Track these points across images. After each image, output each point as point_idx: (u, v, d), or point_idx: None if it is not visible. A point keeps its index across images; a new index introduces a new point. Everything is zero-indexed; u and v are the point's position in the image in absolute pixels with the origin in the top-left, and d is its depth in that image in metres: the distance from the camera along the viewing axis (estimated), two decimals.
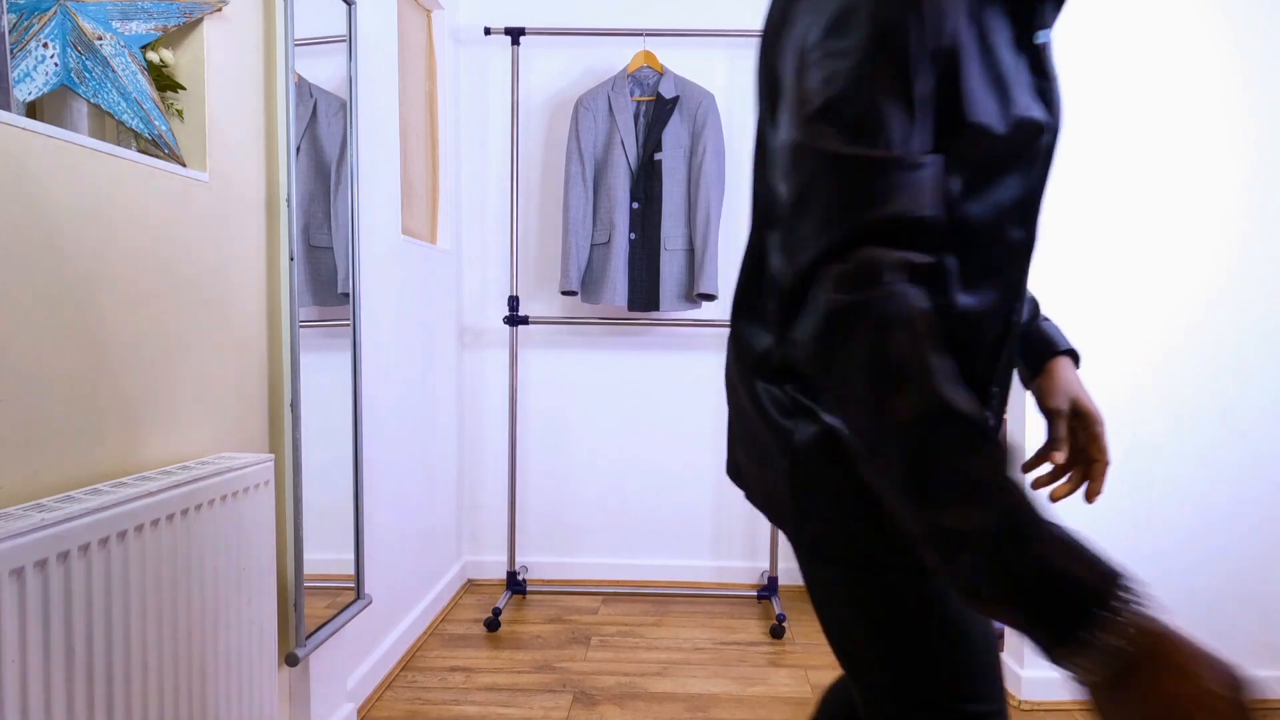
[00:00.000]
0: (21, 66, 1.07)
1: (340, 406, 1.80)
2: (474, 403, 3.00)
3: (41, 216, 1.02)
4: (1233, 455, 2.05)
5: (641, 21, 2.89)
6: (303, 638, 1.55)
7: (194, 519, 1.17)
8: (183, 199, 1.31)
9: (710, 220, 2.61)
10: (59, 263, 1.05)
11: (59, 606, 0.91)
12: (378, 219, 2.09)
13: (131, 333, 1.19)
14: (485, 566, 3.03)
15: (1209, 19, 2.00)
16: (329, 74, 1.78)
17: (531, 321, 2.75)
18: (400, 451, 2.29)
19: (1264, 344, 2.04)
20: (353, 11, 1.77)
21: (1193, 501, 2.06)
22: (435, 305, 2.63)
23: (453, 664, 2.28)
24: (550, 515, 3.01)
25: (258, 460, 1.35)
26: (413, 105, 2.54)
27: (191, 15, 1.31)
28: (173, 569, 1.13)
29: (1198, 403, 2.05)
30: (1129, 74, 2.01)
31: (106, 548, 0.99)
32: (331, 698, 1.75)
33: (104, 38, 1.17)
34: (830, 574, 0.83)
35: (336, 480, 1.79)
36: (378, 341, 2.10)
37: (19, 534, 0.86)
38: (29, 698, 0.87)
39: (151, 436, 1.24)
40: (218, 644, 1.24)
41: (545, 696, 2.08)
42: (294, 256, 1.55)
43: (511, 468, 2.76)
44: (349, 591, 1.81)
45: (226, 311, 1.43)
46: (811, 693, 2.12)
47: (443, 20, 2.72)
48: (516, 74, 2.73)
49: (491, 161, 2.95)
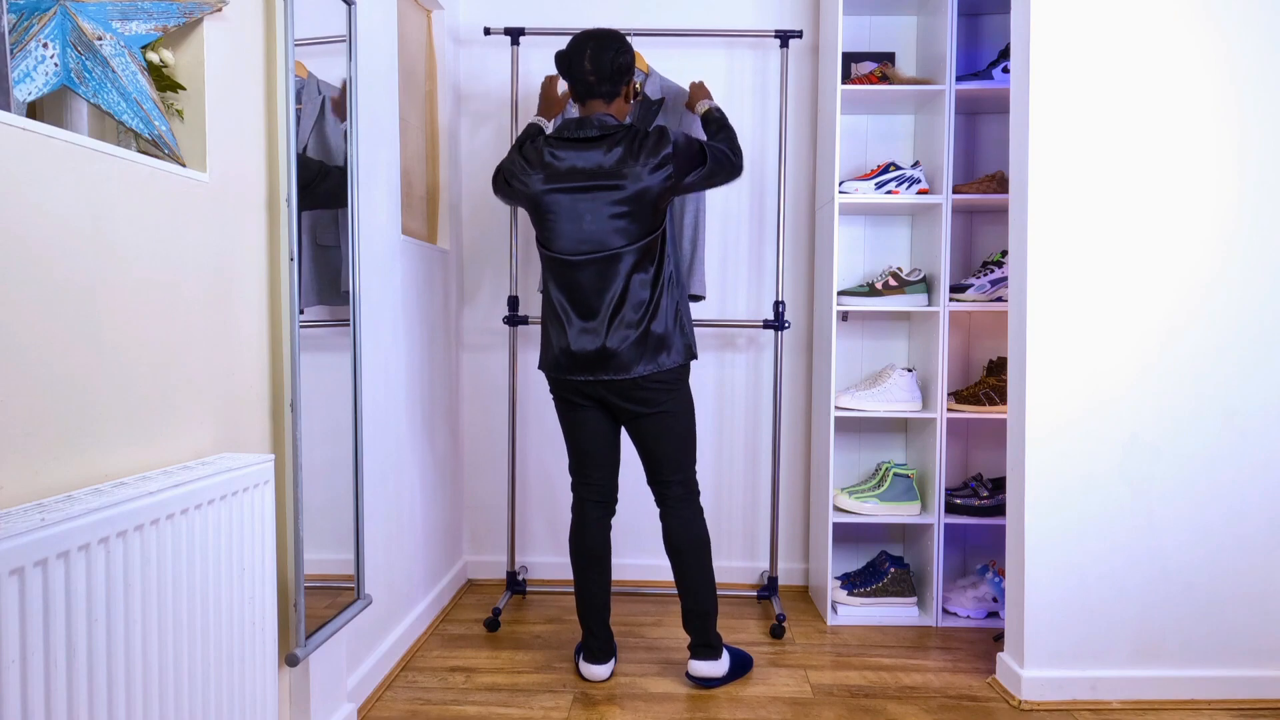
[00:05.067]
0: (21, 67, 1.07)
1: (341, 406, 1.80)
2: (474, 403, 3.00)
3: (41, 217, 1.02)
4: (1233, 455, 2.05)
5: (640, 22, 2.90)
6: (303, 638, 1.55)
7: (194, 519, 1.17)
8: (183, 199, 1.31)
9: (698, 222, 2.59)
10: (59, 263, 1.05)
11: (59, 606, 0.91)
12: (378, 219, 2.09)
13: (132, 333, 1.19)
14: (485, 566, 3.03)
15: (1209, 9, 2.00)
16: (330, 74, 1.78)
17: (531, 321, 2.75)
18: (400, 451, 2.29)
19: (1264, 344, 2.05)
20: (353, 11, 1.77)
21: (1193, 501, 2.06)
22: (435, 305, 2.63)
23: (453, 664, 2.28)
24: (550, 515, 3.01)
25: (258, 460, 1.35)
26: (413, 105, 2.54)
27: (191, 15, 1.31)
28: (173, 569, 1.13)
29: (1198, 402, 2.05)
30: (1124, 67, 2.01)
31: (106, 548, 0.99)
32: (331, 698, 1.75)
33: (104, 38, 1.17)
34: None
35: (336, 480, 1.79)
36: (378, 341, 2.10)
37: (19, 534, 0.86)
38: (29, 698, 0.87)
39: (152, 436, 1.24)
40: (218, 644, 1.24)
41: (545, 696, 2.08)
42: (294, 256, 1.55)
43: (511, 468, 2.76)
44: (349, 591, 1.81)
45: (227, 311, 1.43)
46: (812, 693, 2.12)
47: (443, 20, 2.72)
48: (516, 74, 2.73)
49: (491, 161, 2.95)
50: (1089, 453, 2.05)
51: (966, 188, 2.63)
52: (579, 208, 1.99)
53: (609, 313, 2.01)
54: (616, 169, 1.97)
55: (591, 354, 2.02)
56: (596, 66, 2.01)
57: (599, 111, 2.05)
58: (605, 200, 1.98)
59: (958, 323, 2.88)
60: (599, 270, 2.01)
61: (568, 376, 2.06)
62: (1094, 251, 2.03)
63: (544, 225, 2.05)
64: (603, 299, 2.01)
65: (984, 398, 2.61)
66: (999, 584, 2.64)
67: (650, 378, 2.03)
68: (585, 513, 2.17)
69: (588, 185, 1.98)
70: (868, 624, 2.62)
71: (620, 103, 2.08)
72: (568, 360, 2.05)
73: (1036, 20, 2.00)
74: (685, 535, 2.11)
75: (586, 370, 2.04)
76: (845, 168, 2.87)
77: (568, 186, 2.00)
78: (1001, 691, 2.13)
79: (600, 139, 2.00)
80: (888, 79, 2.64)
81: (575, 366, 2.04)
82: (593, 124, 2.01)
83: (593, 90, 2.03)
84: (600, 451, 2.16)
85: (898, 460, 2.90)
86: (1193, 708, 2.05)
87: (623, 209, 1.98)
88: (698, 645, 2.12)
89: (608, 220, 1.98)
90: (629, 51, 2.05)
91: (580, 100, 2.06)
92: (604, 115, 2.03)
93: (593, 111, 2.05)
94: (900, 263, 2.89)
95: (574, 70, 2.03)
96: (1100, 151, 2.02)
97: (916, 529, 2.77)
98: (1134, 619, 2.07)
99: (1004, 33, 2.80)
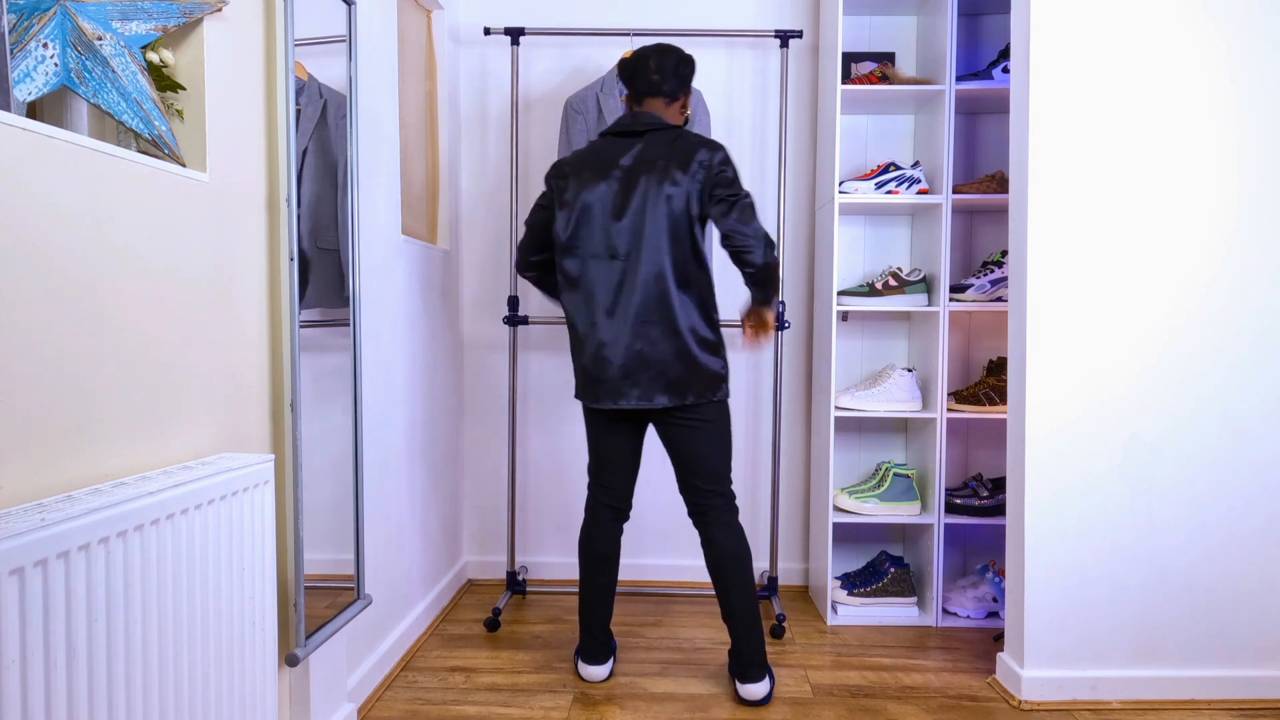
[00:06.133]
0: (21, 67, 1.07)
1: (341, 406, 1.80)
2: (474, 402, 3.00)
3: (41, 217, 1.02)
4: (1233, 455, 2.05)
5: (641, 22, 2.90)
6: (303, 638, 1.55)
7: (194, 519, 1.17)
8: (183, 199, 1.31)
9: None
10: (59, 263, 1.05)
11: (59, 606, 0.91)
12: (378, 219, 2.09)
13: (131, 333, 1.19)
14: (485, 566, 3.03)
15: (1209, 9, 2.00)
16: (331, 74, 1.78)
17: (531, 321, 2.75)
18: (400, 451, 2.29)
19: (1264, 344, 2.04)
20: (353, 11, 1.77)
21: (1193, 502, 2.06)
22: (435, 305, 2.63)
23: (453, 664, 2.28)
24: (550, 515, 3.01)
25: (258, 460, 1.35)
26: (413, 105, 2.54)
27: (191, 15, 1.31)
28: (173, 569, 1.13)
29: (1198, 402, 2.05)
30: (1124, 66, 2.01)
31: (106, 548, 0.99)
32: (331, 698, 1.75)
33: (104, 38, 1.17)
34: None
35: (336, 480, 1.79)
36: (378, 341, 2.10)
37: (19, 534, 0.86)
38: (29, 698, 0.87)
39: (152, 436, 1.24)
40: (218, 644, 1.24)
41: (545, 696, 2.08)
42: (294, 257, 1.55)
43: (511, 468, 2.76)
44: (349, 591, 1.81)
45: (227, 311, 1.43)
46: (812, 693, 2.12)
47: (443, 20, 2.72)
48: (516, 74, 2.73)
49: (491, 161, 2.96)
50: (1089, 453, 2.05)
51: (966, 188, 2.63)
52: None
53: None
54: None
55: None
56: (660, 65, 2.04)
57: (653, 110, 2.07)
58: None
59: (958, 323, 2.88)
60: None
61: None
62: (1094, 251, 2.03)
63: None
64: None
65: (984, 398, 2.61)
66: (999, 584, 2.64)
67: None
68: (599, 515, 2.16)
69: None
70: (868, 624, 2.62)
71: (677, 109, 2.10)
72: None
73: (1036, 20, 2.00)
74: (737, 550, 2.03)
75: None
76: (845, 168, 2.87)
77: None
78: (1001, 691, 2.13)
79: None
80: (888, 79, 2.64)
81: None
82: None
83: (655, 88, 2.05)
84: (624, 460, 2.14)
85: (898, 460, 2.90)
86: (1193, 708, 2.05)
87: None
88: (751, 665, 2.02)
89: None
90: (693, 64, 2.10)
91: (639, 99, 2.08)
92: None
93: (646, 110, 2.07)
94: (900, 263, 2.89)
95: (638, 69, 2.05)
96: (1100, 151, 2.02)
97: (916, 529, 2.77)
98: (1134, 619, 2.07)
99: (1004, 33, 2.80)
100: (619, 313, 1.98)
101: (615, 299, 1.99)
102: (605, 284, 1.99)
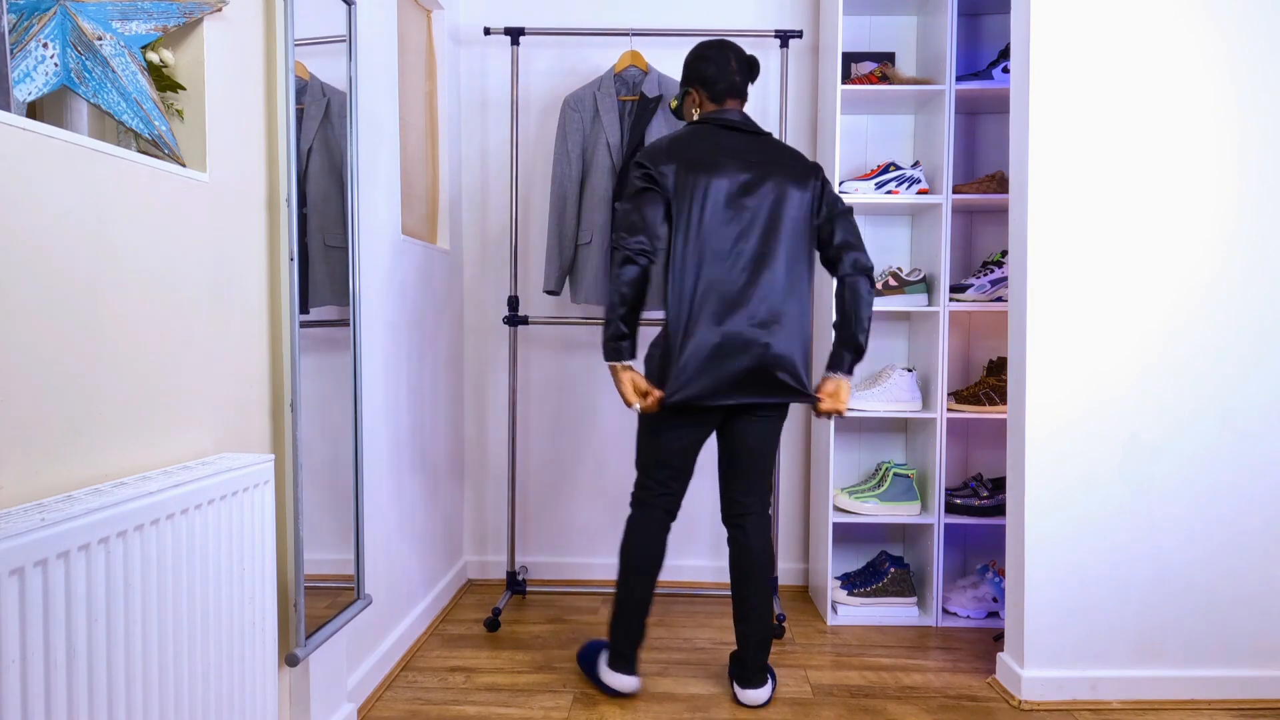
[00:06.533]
0: (21, 67, 1.07)
1: (341, 406, 1.80)
2: (474, 402, 3.00)
3: (41, 217, 1.02)
4: (1232, 455, 2.05)
5: (641, 22, 2.90)
6: (303, 638, 1.55)
7: (194, 519, 1.17)
8: (183, 199, 1.31)
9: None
10: (59, 263, 1.05)
11: (59, 606, 0.91)
12: (378, 219, 2.09)
13: (132, 333, 1.19)
14: (485, 566, 3.03)
15: (1209, 9, 2.01)
16: (331, 74, 1.78)
17: (531, 321, 2.75)
18: (400, 451, 2.29)
19: (1264, 344, 2.05)
20: (353, 11, 1.77)
21: (1193, 501, 2.06)
22: (435, 305, 2.63)
23: (453, 664, 2.28)
24: (550, 515, 3.01)
25: (258, 460, 1.35)
26: (413, 105, 2.54)
27: (191, 15, 1.31)
28: (173, 569, 1.13)
29: (1198, 402, 2.05)
30: (1124, 66, 2.01)
31: (106, 548, 0.99)
32: (331, 698, 1.75)
33: (104, 38, 1.17)
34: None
35: (336, 480, 1.79)
36: (378, 341, 2.10)
37: (19, 534, 0.86)
38: (29, 698, 0.87)
39: (152, 436, 1.24)
40: (218, 644, 1.24)
41: (545, 696, 2.08)
42: (294, 257, 1.55)
43: (511, 468, 2.76)
44: (349, 591, 1.81)
45: (227, 311, 1.43)
46: (811, 693, 2.12)
47: (443, 20, 2.72)
48: (516, 74, 2.73)
49: (491, 161, 2.96)
50: (1089, 453, 2.05)
51: (966, 188, 2.63)
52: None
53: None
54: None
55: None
56: (740, 64, 2.03)
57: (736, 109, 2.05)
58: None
59: (958, 323, 2.88)
60: None
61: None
62: (1094, 251, 2.03)
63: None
64: None
65: (984, 398, 2.61)
66: (999, 584, 2.64)
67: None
68: (653, 519, 2.05)
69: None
70: (868, 624, 2.62)
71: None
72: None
73: (1036, 20, 2.00)
74: (766, 559, 2.06)
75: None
76: (845, 168, 2.87)
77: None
78: (1001, 691, 2.13)
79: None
80: (888, 79, 2.64)
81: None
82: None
83: (738, 90, 2.04)
84: (690, 459, 2.06)
85: (898, 460, 2.90)
86: (1193, 708, 2.05)
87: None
88: (756, 670, 2.03)
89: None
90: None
91: (719, 100, 2.04)
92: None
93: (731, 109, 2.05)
94: (900, 263, 2.89)
95: (722, 69, 2.02)
96: (1100, 151, 2.02)
97: (916, 529, 2.77)
98: (1134, 619, 2.07)
99: (1004, 33, 2.80)
100: (747, 307, 1.92)
101: (743, 293, 1.92)
102: (731, 277, 1.92)
